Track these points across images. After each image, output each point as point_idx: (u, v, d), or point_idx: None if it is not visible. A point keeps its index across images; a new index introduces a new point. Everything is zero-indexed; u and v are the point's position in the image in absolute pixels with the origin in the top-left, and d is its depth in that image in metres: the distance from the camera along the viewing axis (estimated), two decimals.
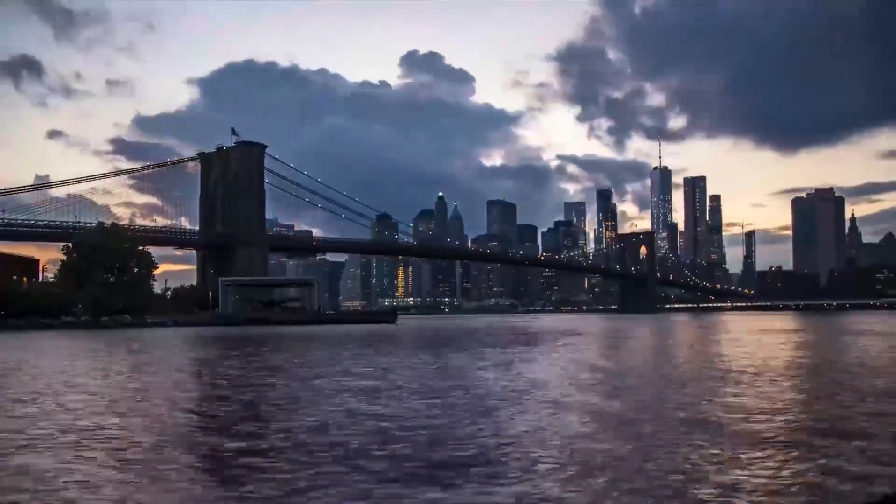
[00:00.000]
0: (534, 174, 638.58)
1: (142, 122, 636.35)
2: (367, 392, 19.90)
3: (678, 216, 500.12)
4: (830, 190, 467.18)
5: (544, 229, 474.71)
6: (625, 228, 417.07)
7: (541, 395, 18.84)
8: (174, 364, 34.56)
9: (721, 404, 16.48)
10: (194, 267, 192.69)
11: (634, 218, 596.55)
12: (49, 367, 31.17)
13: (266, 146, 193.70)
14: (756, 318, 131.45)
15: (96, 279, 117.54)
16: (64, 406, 17.56)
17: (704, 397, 17.85)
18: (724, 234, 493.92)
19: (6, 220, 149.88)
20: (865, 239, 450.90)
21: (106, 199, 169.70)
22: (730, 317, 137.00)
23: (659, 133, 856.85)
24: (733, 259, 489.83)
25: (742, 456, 10.75)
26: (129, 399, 19.54)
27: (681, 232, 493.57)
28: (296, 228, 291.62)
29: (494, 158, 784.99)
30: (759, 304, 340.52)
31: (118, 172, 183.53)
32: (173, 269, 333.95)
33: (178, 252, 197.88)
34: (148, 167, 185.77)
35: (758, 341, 47.30)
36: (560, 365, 30.20)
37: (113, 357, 39.29)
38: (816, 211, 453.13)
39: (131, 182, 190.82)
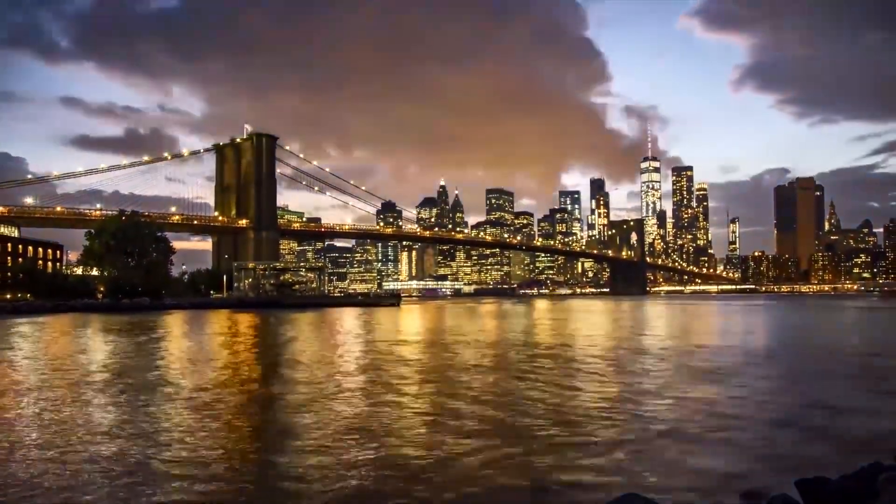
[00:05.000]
0: None
1: None
2: None
3: (667, 203, 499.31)
4: (811, 179, 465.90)
5: (540, 216, 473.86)
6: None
7: None
8: None
9: None
10: (209, 245, 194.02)
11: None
12: None
13: (277, 137, 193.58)
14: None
15: (117, 263, 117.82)
16: None
17: None
18: (710, 219, 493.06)
19: (33, 207, 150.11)
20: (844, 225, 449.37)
21: (125, 188, 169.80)
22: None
23: None
24: (719, 244, 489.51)
25: None
26: None
27: (669, 218, 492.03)
28: (306, 216, 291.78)
29: None
30: (743, 287, 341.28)
31: (138, 163, 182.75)
32: (190, 248, 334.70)
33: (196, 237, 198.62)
34: (165, 157, 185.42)
35: None
36: None
37: None
38: (797, 198, 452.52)
39: (149, 172, 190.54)
